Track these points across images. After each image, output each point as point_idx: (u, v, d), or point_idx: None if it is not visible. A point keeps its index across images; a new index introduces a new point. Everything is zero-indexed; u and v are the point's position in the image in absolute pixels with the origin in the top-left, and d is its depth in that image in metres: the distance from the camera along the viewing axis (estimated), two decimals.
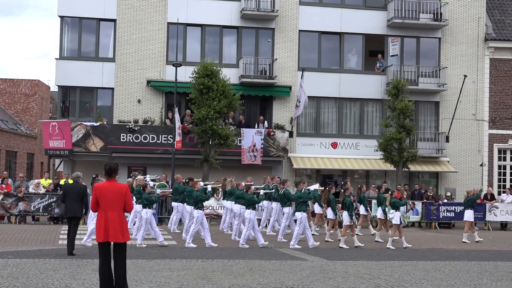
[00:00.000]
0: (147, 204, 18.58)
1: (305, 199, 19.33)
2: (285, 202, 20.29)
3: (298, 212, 19.12)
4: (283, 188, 20.53)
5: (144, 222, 18.42)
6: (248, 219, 18.93)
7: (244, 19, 31.91)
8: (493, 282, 12.69)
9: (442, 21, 32.82)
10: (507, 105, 33.56)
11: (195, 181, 19.73)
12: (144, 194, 18.66)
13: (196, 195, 18.74)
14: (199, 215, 18.59)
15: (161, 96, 31.27)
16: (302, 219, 19.00)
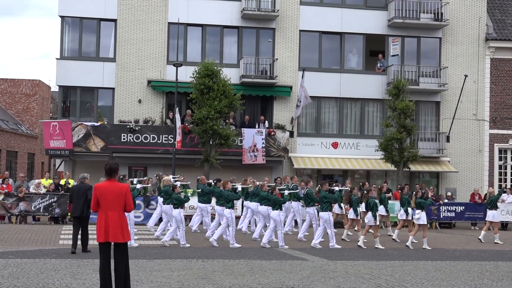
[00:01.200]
0: (178, 204, 18.67)
1: (330, 199, 19.50)
2: (308, 202, 20.49)
3: (323, 212, 19.33)
4: (306, 188, 20.79)
5: (179, 222, 18.58)
6: (273, 219, 18.97)
7: (245, 19, 31.91)
8: (493, 282, 12.68)
9: (443, 21, 32.81)
10: (508, 105, 33.55)
11: (226, 181, 19.91)
12: (174, 195, 18.72)
13: (227, 195, 18.95)
14: (231, 215, 18.79)
15: (161, 96, 31.28)
16: (326, 219, 19.22)
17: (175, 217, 18.67)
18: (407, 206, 21.20)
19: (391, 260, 16.06)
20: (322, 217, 19.36)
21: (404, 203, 21.50)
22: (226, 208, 18.94)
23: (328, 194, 19.55)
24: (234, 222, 19.11)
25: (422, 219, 19.91)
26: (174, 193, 18.71)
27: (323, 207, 19.36)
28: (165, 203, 19.59)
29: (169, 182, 19.77)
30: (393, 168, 30.47)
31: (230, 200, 19.03)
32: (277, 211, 18.96)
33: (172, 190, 18.90)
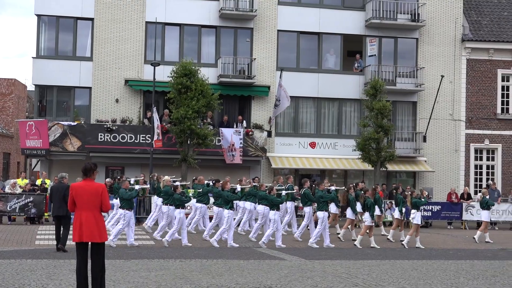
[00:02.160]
0: (179, 205, 18.77)
1: (327, 198, 19.74)
2: (305, 202, 20.70)
3: (319, 212, 19.56)
4: (303, 188, 20.98)
5: (180, 223, 18.72)
6: (272, 220, 19.09)
7: (223, 18, 31.87)
8: (469, 280, 12.80)
9: (420, 22, 33.03)
10: (484, 105, 33.86)
11: (225, 182, 19.94)
12: (176, 195, 18.82)
13: (227, 195, 19.01)
14: (230, 215, 18.88)
15: (139, 96, 31.14)
16: (324, 219, 19.44)
17: (176, 217, 18.81)
18: (402, 206, 21.41)
19: (369, 260, 16.14)
20: (319, 216, 19.60)
21: (398, 203, 21.69)
22: (226, 208, 19.01)
23: (325, 193, 19.82)
24: (233, 223, 19.30)
25: (417, 219, 20.18)
26: (176, 194, 18.84)
27: (320, 206, 19.63)
28: (165, 203, 19.64)
29: (169, 183, 19.84)
30: (370, 168, 30.61)
31: (230, 200, 19.08)
32: (274, 211, 19.15)
33: (174, 191, 19.02)
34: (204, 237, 20.21)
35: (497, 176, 33.81)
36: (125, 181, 19.81)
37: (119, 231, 18.45)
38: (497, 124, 33.92)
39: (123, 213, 18.50)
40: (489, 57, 33.98)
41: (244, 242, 19.79)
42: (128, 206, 18.58)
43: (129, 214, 18.50)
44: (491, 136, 33.83)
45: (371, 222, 19.82)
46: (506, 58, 34.15)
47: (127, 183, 19.46)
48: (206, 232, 20.40)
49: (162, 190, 20.08)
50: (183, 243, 18.69)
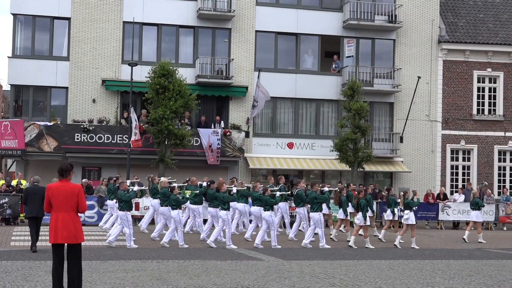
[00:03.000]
0: (176, 206, 18.91)
1: (321, 199, 19.87)
2: (298, 203, 20.88)
3: (313, 213, 19.71)
4: (296, 189, 21.20)
5: (178, 223, 18.86)
6: (268, 220, 19.32)
7: (201, 19, 31.81)
8: (445, 280, 12.90)
9: (397, 23, 33.23)
10: (460, 106, 34.14)
11: (221, 183, 19.98)
12: (173, 196, 18.94)
13: (223, 197, 19.07)
14: (227, 216, 18.94)
15: (116, 96, 30.97)
16: (317, 219, 19.61)
17: (174, 218, 18.92)
18: (394, 207, 21.62)
19: (346, 260, 16.21)
20: (313, 217, 19.74)
21: (390, 204, 21.85)
22: (222, 209, 19.07)
23: (319, 194, 19.97)
24: (230, 224, 19.38)
25: (411, 219, 20.40)
26: (173, 195, 18.93)
27: (314, 207, 19.76)
28: (163, 205, 19.63)
29: (166, 184, 19.87)
30: (347, 168, 30.72)
31: (226, 202, 19.14)
32: (269, 212, 19.34)
33: (171, 192, 19.10)
34: (202, 238, 20.34)
35: (472, 176, 34.11)
36: (124, 182, 19.81)
37: (118, 232, 18.63)
38: (473, 125, 34.23)
39: (123, 215, 18.57)
40: (465, 59, 34.28)
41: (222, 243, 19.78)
42: (127, 207, 18.65)
43: (128, 215, 18.61)
44: (467, 137, 34.12)
45: (364, 223, 20.02)
46: (481, 60, 34.47)
47: (125, 185, 19.47)
48: (204, 233, 20.53)
49: (160, 191, 20.10)
50: (180, 244, 18.71)
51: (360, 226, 20.12)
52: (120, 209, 18.69)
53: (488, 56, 34.40)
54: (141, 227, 22.72)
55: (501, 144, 34.48)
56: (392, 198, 21.92)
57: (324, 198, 20.22)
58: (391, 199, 21.92)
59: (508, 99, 34.58)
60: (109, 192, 23.37)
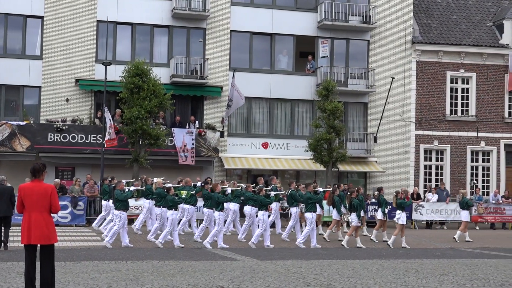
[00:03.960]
0: (172, 206, 18.94)
1: (315, 200, 20.04)
2: (292, 203, 21.08)
3: (308, 213, 19.86)
4: (289, 189, 21.46)
5: (171, 224, 18.85)
6: (262, 220, 19.52)
7: (175, 18, 31.71)
8: (418, 279, 12.99)
9: (371, 24, 33.41)
10: (433, 106, 34.42)
11: (216, 184, 20.13)
12: (169, 196, 18.94)
13: (218, 197, 19.15)
14: (220, 217, 19.02)
15: (90, 95, 30.74)
16: (312, 220, 19.74)
17: (169, 218, 18.90)
18: (385, 207, 21.82)
19: (320, 259, 16.26)
20: (307, 217, 19.89)
21: (381, 204, 21.98)
22: (216, 210, 19.14)
23: (313, 195, 20.10)
24: (223, 224, 19.49)
25: (402, 219, 20.61)
26: (169, 195, 18.95)
27: (308, 207, 19.93)
28: (158, 205, 19.70)
29: (161, 185, 19.90)
30: (322, 168, 30.83)
31: (221, 202, 19.22)
32: (263, 212, 19.53)
33: (167, 192, 19.11)
34: (195, 238, 20.39)
35: (445, 176, 34.42)
36: (121, 182, 19.82)
37: (115, 232, 18.61)
38: (446, 125, 34.54)
39: (118, 214, 18.57)
40: (439, 59, 34.58)
41: (192, 242, 19.76)
42: (123, 207, 18.69)
43: (124, 215, 18.63)
44: (440, 137, 34.42)
45: (357, 223, 20.26)
46: (454, 61, 34.78)
47: (122, 184, 19.45)
48: (197, 234, 20.57)
49: (155, 192, 20.14)
50: (175, 244, 18.72)
51: (355, 226, 20.38)
52: (116, 208, 18.73)
53: (461, 57, 34.74)
54: (135, 229, 22.60)
55: (473, 145, 34.83)
56: (382, 198, 22.12)
57: (319, 199, 20.45)
58: (382, 199, 22.12)
59: (481, 99, 34.95)
60: (104, 193, 23.41)
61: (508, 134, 35.15)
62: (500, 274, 13.97)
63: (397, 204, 20.82)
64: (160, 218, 19.76)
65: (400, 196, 21.08)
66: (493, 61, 35.17)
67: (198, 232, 20.61)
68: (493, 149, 35.04)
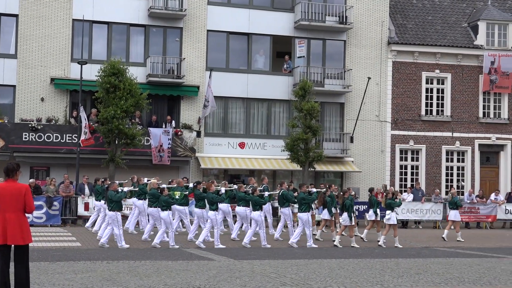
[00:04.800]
0: (166, 206, 18.97)
1: (309, 200, 20.18)
2: (283, 203, 21.24)
3: (302, 213, 20.05)
4: (281, 189, 21.65)
5: (168, 224, 18.87)
6: (257, 220, 19.72)
7: (152, 17, 31.57)
8: (394, 278, 13.06)
9: (347, 24, 33.55)
10: (409, 107, 34.65)
11: (209, 184, 20.19)
12: (163, 197, 18.97)
13: (212, 197, 19.30)
14: (215, 217, 19.22)
15: (65, 95, 30.51)
16: (305, 220, 19.95)
17: (164, 219, 18.94)
18: (376, 207, 21.98)
19: (297, 259, 16.29)
20: (301, 217, 20.09)
21: (373, 204, 22.14)
22: (211, 210, 19.27)
23: (307, 195, 20.25)
24: (218, 224, 19.69)
25: (392, 219, 20.79)
26: (163, 196, 18.99)
27: (302, 208, 20.11)
28: (152, 206, 19.73)
29: (155, 185, 19.91)
30: (298, 168, 30.90)
31: (215, 202, 19.33)
32: (258, 212, 19.74)
33: (160, 193, 19.16)
34: (190, 239, 20.50)
35: (421, 176, 34.67)
36: (114, 183, 19.76)
37: (110, 233, 18.62)
38: (422, 125, 34.79)
39: (113, 215, 18.48)
40: (414, 60, 34.82)
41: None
42: (118, 208, 18.63)
43: (118, 215, 18.60)
44: (415, 137, 34.67)
45: (349, 223, 20.43)
46: (430, 61, 35.05)
47: (115, 185, 19.38)
48: (190, 234, 20.71)
49: (149, 192, 20.14)
50: (171, 245, 18.72)
51: (345, 226, 20.53)
52: (110, 209, 18.67)
53: (436, 58, 35.02)
54: (129, 230, 22.51)
55: (448, 145, 35.13)
56: (374, 199, 22.27)
57: (312, 199, 20.59)
58: (373, 199, 22.26)
59: (456, 100, 35.25)
60: (96, 194, 23.37)
61: (483, 134, 35.51)
62: (474, 273, 14.11)
63: (386, 205, 21.02)
64: (154, 219, 19.84)
65: (389, 196, 21.30)
66: (468, 62, 35.49)
67: (191, 232, 20.79)
68: (467, 149, 35.37)
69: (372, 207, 22.24)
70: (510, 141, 35.81)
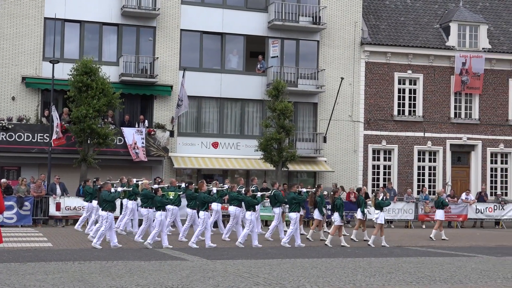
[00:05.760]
0: (160, 207, 18.98)
1: (299, 200, 20.42)
2: (275, 203, 21.37)
3: (292, 213, 20.25)
4: (273, 190, 21.80)
5: (159, 225, 18.82)
6: (249, 220, 19.84)
7: (125, 16, 31.40)
8: (366, 277, 13.14)
9: (321, 25, 33.67)
10: (381, 107, 34.87)
11: (201, 184, 20.19)
12: (157, 197, 19.01)
13: (204, 197, 19.33)
14: (206, 217, 19.27)
15: (37, 94, 30.22)
16: (296, 220, 20.15)
17: (157, 219, 18.89)
18: (364, 207, 22.18)
19: (270, 259, 16.31)
20: (291, 217, 20.26)
21: (360, 204, 22.27)
22: (202, 210, 19.34)
23: (297, 195, 20.46)
24: (209, 224, 19.64)
25: (381, 219, 21.03)
26: (157, 196, 19.03)
27: (292, 207, 20.32)
28: (144, 206, 19.73)
29: (147, 186, 19.96)
30: (272, 168, 30.94)
31: (206, 202, 19.37)
32: (251, 212, 19.90)
33: (155, 193, 19.20)
34: (180, 239, 20.55)
35: (393, 176, 34.91)
36: (108, 183, 19.64)
37: (102, 233, 18.55)
38: (394, 125, 35.04)
39: (105, 215, 18.41)
40: (387, 61, 35.06)
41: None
42: (111, 208, 18.56)
43: (111, 216, 18.51)
44: (388, 137, 34.91)
45: (340, 222, 20.60)
46: (402, 62, 35.31)
47: (109, 185, 19.30)
48: (181, 234, 20.82)
49: (141, 193, 20.17)
50: (164, 245, 18.67)
51: (338, 225, 20.65)
52: (103, 209, 18.58)
53: (408, 59, 35.30)
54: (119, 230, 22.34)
55: (420, 145, 35.43)
56: (362, 199, 22.40)
57: (303, 199, 20.81)
58: (361, 199, 22.40)
59: (427, 100, 35.56)
60: (85, 194, 23.40)
61: (454, 134, 35.87)
62: (445, 272, 14.24)
63: (375, 204, 21.24)
64: (147, 219, 19.79)
65: (379, 196, 21.53)
66: (440, 63, 35.83)
67: (182, 232, 20.89)
68: (439, 149, 35.71)
69: (360, 207, 22.39)
70: (481, 141, 36.22)
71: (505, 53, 36.59)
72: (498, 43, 37.06)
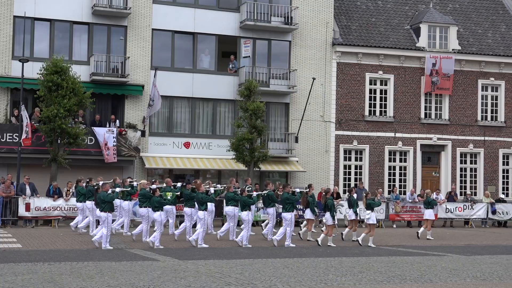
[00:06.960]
0: (159, 207, 19.07)
1: (293, 200, 20.59)
2: (268, 203, 21.61)
3: (286, 213, 20.42)
4: (266, 190, 21.97)
5: (159, 225, 18.91)
6: (246, 220, 20.09)
7: (96, 15, 31.17)
8: (337, 277, 13.20)
9: (293, 25, 33.76)
10: (353, 107, 35.07)
11: (199, 184, 20.43)
12: (155, 197, 19.08)
13: (202, 197, 19.52)
14: (204, 216, 19.51)
15: (6, 93, 29.87)
16: (290, 219, 20.39)
17: (156, 219, 18.99)
18: (356, 207, 22.24)
19: (241, 259, 16.31)
20: (285, 217, 20.47)
21: (352, 204, 22.34)
22: (200, 209, 19.56)
23: (291, 195, 20.63)
24: (205, 223, 19.91)
25: (372, 218, 21.14)
26: (155, 196, 19.08)
27: (286, 208, 20.48)
28: (142, 206, 19.80)
29: (145, 186, 20.05)
30: (244, 168, 30.95)
31: (204, 202, 19.56)
32: (246, 212, 20.19)
33: (152, 194, 19.22)
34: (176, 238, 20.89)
35: (364, 176, 35.12)
36: (106, 184, 19.58)
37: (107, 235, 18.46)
38: (365, 125, 35.27)
39: (105, 216, 18.32)
40: (358, 61, 35.26)
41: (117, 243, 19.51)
42: (109, 208, 18.53)
43: (110, 216, 18.49)
44: (359, 137, 35.11)
45: (332, 222, 20.88)
46: (373, 62, 35.55)
47: (107, 186, 19.22)
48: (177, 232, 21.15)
49: (140, 193, 20.19)
50: (156, 245, 18.73)
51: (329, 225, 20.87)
52: (101, 210, 18.50)
53: (379, 59, 35.55)
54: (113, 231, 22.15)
55: (391, 145, 35.69)
56: (353, 199, 22.48)
57: (296, 199, 20.98)
58: (353, 199, 22.48)
59: (398, 101, 35.84)
60: (78, 195, 23.37)
61: (424, 134, 36.20)
62: (416, 271, 14.37)
63: (366, 205, 21.44)
64: (147, 218, 19.86)
65: (369, 196, 21.79)
66: (410, 64, 36.14)
67: (177, 232, 21.13)
68: (409, 149, 36.01)
69: (352, 207, 22.50)
70: (451, 142, 36.60)
71: (474, 54, 37.02)
72: (468, 45, 37.48)
